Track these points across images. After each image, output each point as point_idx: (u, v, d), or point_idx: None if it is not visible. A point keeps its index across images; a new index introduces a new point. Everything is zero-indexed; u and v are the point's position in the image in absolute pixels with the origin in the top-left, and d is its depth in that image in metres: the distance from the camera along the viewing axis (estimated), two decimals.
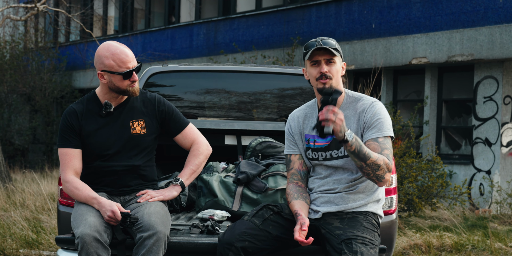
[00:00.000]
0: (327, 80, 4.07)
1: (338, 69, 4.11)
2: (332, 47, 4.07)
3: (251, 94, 6.20)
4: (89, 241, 3.93)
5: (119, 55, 4.26)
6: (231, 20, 18.43)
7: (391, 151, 4.08)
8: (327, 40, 4.10)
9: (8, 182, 12.56)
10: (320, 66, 4.09)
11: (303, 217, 4.00)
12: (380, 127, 4.07)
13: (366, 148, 3.89)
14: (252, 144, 5.29)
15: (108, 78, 4.30)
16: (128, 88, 4.31)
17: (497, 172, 13.00)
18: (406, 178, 10.62)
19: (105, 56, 4.27)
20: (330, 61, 4.09)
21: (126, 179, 4.38)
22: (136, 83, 4.33)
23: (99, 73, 4.32)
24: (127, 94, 4.35)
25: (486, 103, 13.29)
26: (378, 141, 4.05)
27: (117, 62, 4.26)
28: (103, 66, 4.28)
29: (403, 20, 14.20)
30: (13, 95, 22.14)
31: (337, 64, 4.10)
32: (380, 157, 3.94)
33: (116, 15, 23.63)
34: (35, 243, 7.55)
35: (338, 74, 4.11)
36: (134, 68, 4.29)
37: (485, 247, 8.20)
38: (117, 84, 4.30)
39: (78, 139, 4.35)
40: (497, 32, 12.58)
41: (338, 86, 4.13)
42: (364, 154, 3.88)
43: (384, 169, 3.96)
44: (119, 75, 4.26)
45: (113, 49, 4.28)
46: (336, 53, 4.07)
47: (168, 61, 19.51)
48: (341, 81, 4.16)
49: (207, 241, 4.14)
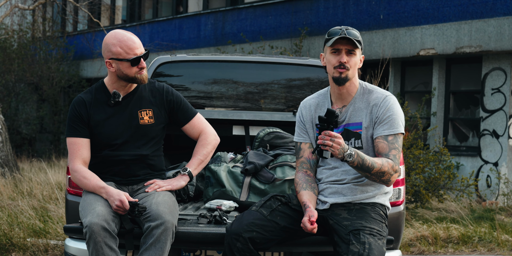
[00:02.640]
0: (344, 70, 4.07)
1: (356, 61, 4.11)
2: (356, 38, 4.06)
3: (258, 85, 6.20)
4: (97, 230, 3.94)
5: (126, 42, 4.26)
6: (239, 10, 18.40)
7: (400, 149, 4.07)
8: (352, 30, 4.09)
9: (15, 171, 12.59)
10: (341, 55, 4.08)
11: (311, 209, 4.00)
12: (392, 124, 4.07)
13: (369, 159, 3.91)
14: (260, 135, 5.28)
15: (116, 66, 4.30)
16: (136, 75, 4.31)
17: (504, 164, 12.97)
18: (413, 169, 10.61)
19: (112, 44, 4.27)
20: (350, 52, 4.08)
21: (134, 168, 4.39)
22: (144, 70, 4.33)
23: (107, 62, 4.31)
24: (135, 82, 4.34)
25: (494, 95, 13.25)
26: (387, 140, 4.04)
27: (124, 49, 4.26)
28: (111, 54, 4.28)
29: (411, 11, 14.16)
30: (20, 84, 22.17)
31: (357, 56, 4.10)
32: (384, 163, 3.95)
33: (124, 4, 23.61)
34: (42, 232, 7.57)
35: (355, 66, 4.11)
36: (141, 55, 4.29)
37: (492, 239, 8.20)
38: (125, 71, 4.29)
39: (87, 128, 4.36)
40: (505, 24, 12.53)
41: (353, 78, 4.13)
42: (367, 166, 3.91)
43: (390, 173, 3.97)
44: (127, 62, 4.26)
45: (120, 37, 4.28)
46: (358, 45, 4.07)
47: (176, 51, 19.49)
48: (356, 74, 4.16)
49: (214, 231, 4.14)
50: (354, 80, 4.15)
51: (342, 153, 3.83)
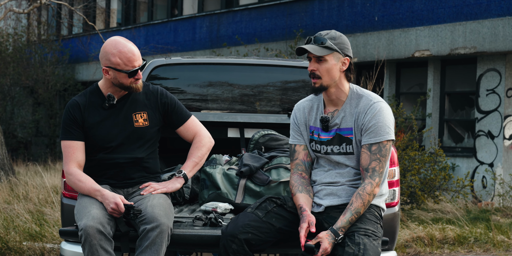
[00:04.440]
0: (315, 79, 4.04)
1: (329, 67, 4.02)
2: (322, 44, 3.99)
3: (254, 87, 6.20)
4: (92, 233, 3.94)
5: (126, 54, 4.26)
6: (234, 12, 18.41)
7: (384, 158, 4.02)
8: (321, 36, 4.02)
9: (11, 175, 12.58)
10: (310, 63, 4.06)
11: (308, 214, 4.00)
12: (377, 132, 4.03)
13: (352, 216, 3.93)
14: (255, 137, 5.29)
15: (113, 74, 4.31)
16: (132, 85, 4.33)
17: (499, 165, 12.99)
18: (408, 171, 10.62)
19: (112, 53, 4.27)
20: (320, 59, 4.03)
21: (129, 171, 4.39)
22: (139, 80, 4.34)
23: (104, 69, 4.32)
24: (130, 90, 4.36)
25: (488, 96, 13.28)
26: (370, 150, 4.03)
27: (123, 61, 4.26)
28: (109, 62, 4.28)
29: (406, 12, 14.18)
30: (16, 88, 22.14)
31: (329, 62, 4.02)
32: (364, 199, 3.96)
33: (119, 7, 23.61)
34: (38, 235, 7.57)
35: (330, 72, 4.03)
36: (139, 67, 4.30)
37: (488, 239, 8.21)
38: (121, 81, 4.31)
39: (81, 131, 4.36)
40: (500, 25, 12.56)
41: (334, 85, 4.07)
42: (356, 217, 3.95)
43: (372, 196, 4.00)
44: (125, 73, 4.28)
45: (120, 47, 4.27)
46: (321, 52, 3.99)
47: (171, 54, 19.49)
48: (339, 78, 4.08)
49: (210, 233, 4.15)
50: (339, 86, 4.10)
51: (336, 243, 3.90)
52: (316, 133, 4.19)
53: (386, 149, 4.04)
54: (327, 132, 4.13)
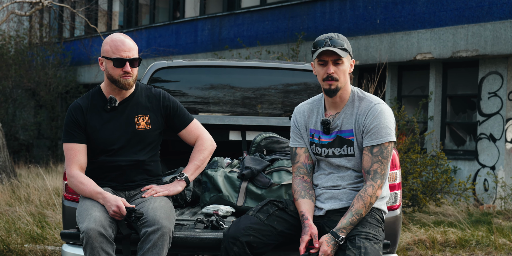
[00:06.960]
0: (333, 81, 4.06)
1: (345, 69, 4.08)
2: (341, 47, 4.03)
3: (255, 90, 6.20)
4: (94, 235, 3.94)
5: (116, 42, 4.31)
6: (236, 15, 18.41)
7: (386, 160, 4.04)
8: (336, 39, 4.05)
9: (13, 177, 12.58)
10: (327, 66, 4.06)
11: (310, 224, 3.99)
12: (378, 134, 4.05)
13: (353, 217, 3.94)
14: (257, 140, 5.29)
15: (105, 64, 4.34)
16: (119, 78, 4.30)
17: (501, 168, 12.99)
18: (410, 173, 10.62)
19: (105, 42, 4.36)
20: (337, 62, 4.06)
21: (131, 174, 4.39)
22: (129, 76, 4.31)
23: (99, 59, 4.37)
24: (118, 85, 4.33)
25: (490, 99, 13.27)
26: (372, 152, 4.04)
27: (112, 48, 4.30)
28: (102, 51, 4.36)
29: (407, 15, 14.18)
30: (18, 90, 22.15)
31: (345, 64, 4.07)
32: (365, 201, 3.97)
33: (121, 10, 23.63)
34: (40, 238, 7.57)
35: (345, 74, 4.09)
36: (127, 58, 4.29)
37: (489, 242, 8.20)
38: (110, 71, 4.32)
39: (83, 134, 4.36)
40: (501, 28, 12.56)
41: (345, 86, 4.11)
42: (358, 218, 3.97)
43: (374, 198, 4.00)
44: (111, 60, 4.28)
45: (114, 37, 4.35)
46: (344, 54, 4.04)
47: (173, 57, 19.50)
48: (348, 79, 4.14)
49: (211, 236, 4.15)
50: (346, 87, 4.13)
51: (338, 245, 3.91)
52: (316, 136, 4.19)
53: (388, 150, 4.05)
54: (328, 135, 4.14)
